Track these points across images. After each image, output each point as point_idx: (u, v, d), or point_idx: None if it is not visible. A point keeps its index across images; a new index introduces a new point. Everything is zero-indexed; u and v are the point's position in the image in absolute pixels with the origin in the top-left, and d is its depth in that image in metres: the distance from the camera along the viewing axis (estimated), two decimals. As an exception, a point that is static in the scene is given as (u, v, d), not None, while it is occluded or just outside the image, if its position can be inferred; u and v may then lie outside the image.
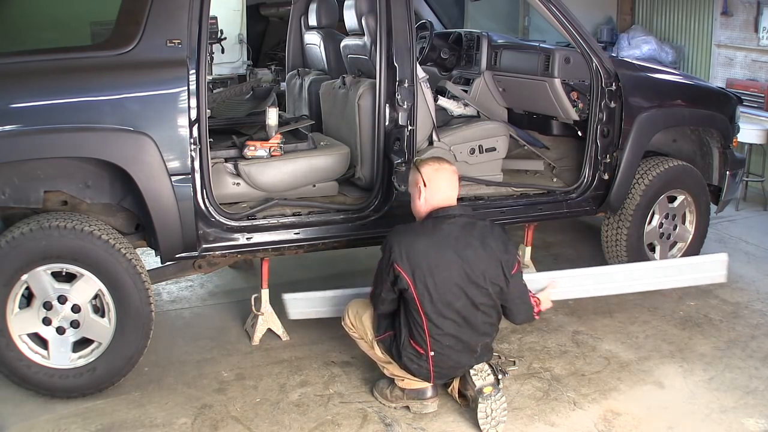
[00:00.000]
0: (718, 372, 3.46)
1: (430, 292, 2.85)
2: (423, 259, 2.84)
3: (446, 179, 3.00)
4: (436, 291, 2.85)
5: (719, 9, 6.71)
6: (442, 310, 2.87)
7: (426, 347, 2.91)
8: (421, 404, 3.05)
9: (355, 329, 3.17)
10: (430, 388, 3.05)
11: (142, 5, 2.99)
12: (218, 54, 5.71)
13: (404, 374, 3.03)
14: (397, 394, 3.09)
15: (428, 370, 2.95)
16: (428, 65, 4.83)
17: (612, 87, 3.92)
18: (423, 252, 2.85)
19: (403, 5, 3.46)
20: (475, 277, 2.88)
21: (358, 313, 3.15)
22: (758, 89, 6.30)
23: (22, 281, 2.97)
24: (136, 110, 2.97)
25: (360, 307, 3.18)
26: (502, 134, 4.11)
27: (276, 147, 3.56)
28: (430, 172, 2.98)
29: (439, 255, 2.86)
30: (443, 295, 2.86)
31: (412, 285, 2.84)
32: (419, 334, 2.91)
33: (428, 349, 2.91)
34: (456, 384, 3.07)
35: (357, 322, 3.14)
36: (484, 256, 2.90)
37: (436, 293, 2.85)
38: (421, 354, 2.93)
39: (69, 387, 3.10)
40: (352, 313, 3.18)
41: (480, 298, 2.91)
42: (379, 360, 3.13)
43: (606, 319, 3.98)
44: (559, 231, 5.31)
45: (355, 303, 3.23)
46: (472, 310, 2.92)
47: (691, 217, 4.38)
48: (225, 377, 3.36)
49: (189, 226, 3.14)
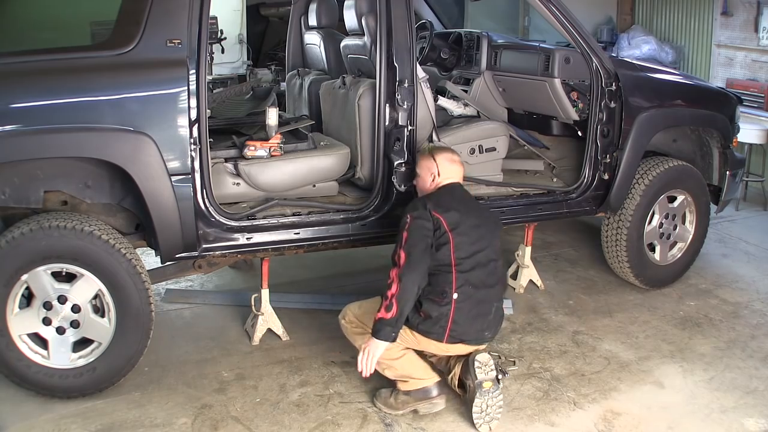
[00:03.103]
0: (718, 372, 3.46)
1: (463, 237, 2.98)
2: (453, 207, 3.01)
3: (457, 172, 3.21)
4: (468, 236, 3.00)
5: (719, 9, 6.70)
6: (471, 258, 2.99)
7: (450, 292, 2.95)
8: (430, 403, 3.04)
9: (357, 323, 3.16)
10: (435, 386, 3.04)
11: (142, 5, 2.99)
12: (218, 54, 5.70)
13: (408, 374, 3.02)
14: (402, 399, 3.06)
15: (447, 323, 2.95)
16: (428, 65, 4.83)
17: (612, 87, 3.92)
18: (450, 203, 3.04)
19: (403, 5, 3.46)
20: (491, 230, 3.13)
21: (361, 305, 3.18)
22: (758, 89, 6.30)
23: (22, 281, 2.97)
24: (136, 110, 2.96)
25: (359, 301, 3.22)
26: (502, 134, 4.11)
27: (276, 147, 3.56)
28: (445, 162, 3.18)
29: (463, 206, 3.07)
30: (474, 243, 3.01)
31: (449, 231, 2.95)
32: (445, 281, 2.96)
33: (452, 293, 2.95)
34: (457, 371, 3.07)
35: (360, 312, 3.16)
36: (488, 213, 3.29)
37: (467, 238, 2.99)
38: (443, 301, 2.95)
39: (69, 387, 3.10)
40: (352, 309, 3.20)
41: (495, 254, 3.11)
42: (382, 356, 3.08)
43: (606, 319, 3.98)
44: (559, 231, 5.31)
45: (352, 303, 3.25)
46: (493, 264, 3.08)
47: (691, 217, 4.38)
48: (225, 377, 3.36)
49: (189, 226, 3.14)
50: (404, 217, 3.00)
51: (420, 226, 2.94)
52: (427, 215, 2.96)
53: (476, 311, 3.01)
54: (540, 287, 4.33)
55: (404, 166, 3.54)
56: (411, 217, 2.97)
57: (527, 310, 4.08)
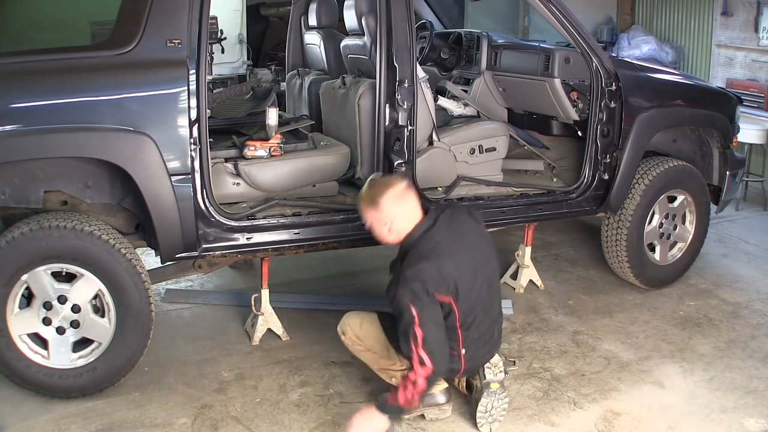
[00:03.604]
0: (718, 372, 3.46)
1: (465, 291, 2.78)
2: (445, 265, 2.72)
3: (411, 203, 2.83)
4: (468, 281, 2.79)
5: (719, 9, 6.70)
6: (471, 302, 2.82)
7: (459, 345, 2.84)
8: (439, 410, 3.02)
9: (361, 342, 3.04)
10: (443, 393, 3.02)
11: (142, 5, 2.99)
12: (218, 54, 5.71)
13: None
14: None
15: (460, 368, 2.90)
16: (428, 65, 4.83)
17: (612, 87, 3.92)
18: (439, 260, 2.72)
19: (403, 5, 3.46)
20: (481, 246, 2.91)
21: (362, 325, 3.03)
22: (758, 89, 6.30)
23: (22, 281, 2.97)
24: (136, 110, 2.96)
25: (359, 318, 3.06)
26: (502, 134, 4.11)
27: (276, 147, 3.56)
28: (392, 205, 2.78)
29: (449, 245, 2.78)
30: (474, 282, 2.82)
31: (454, 302, 2.75)
32: (453, 341, 2.81)
33: (460, 347, 2.85)
34: None
35: (362, 333, 3.02)
36: (477, 230, 2.94)
37: (468, 284, 2.79)
38: (453, 355, 2.85)
39: (69, 387, 3.10)
40: (352, 328, 3.05)
41: (491, 274, 2.93)
42: (391, 368, 3.00)
43: (606, 319, 3.98)
44: (559, 231, 5.31)
45: (350, 317, 3.09)
46: (489, 290, 2.90)
47: (691, 217, 4.38)
48: (225, 377, 3.36)
49: (189, 226, 3.14)
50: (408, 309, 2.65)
51: (431, 316, 2.68)
52: (432, 301, 2.68)
53: (483, 342, 2.94)
54: (540, 287, 4.33)
55: (404, 166, 3.54)
56: (416, 312, 2.64)
57: (527, 310, 4.08)
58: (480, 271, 2.87)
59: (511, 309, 4.05)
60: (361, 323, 3.04)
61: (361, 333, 3.03)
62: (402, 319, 2.69)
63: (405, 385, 2.69)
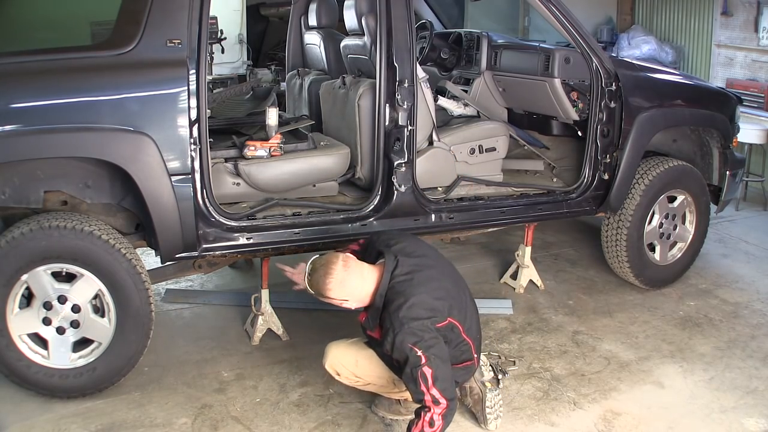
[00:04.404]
0: (718, 372, 3.46)
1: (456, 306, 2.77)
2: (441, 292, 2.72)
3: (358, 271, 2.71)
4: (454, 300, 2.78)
5: (719, 9, 6.71)
6: (462, 308, 2.82)
7: (471, 351, 2.85)
8: None
9: (360, 379, 2.92)
10: None
11: (142, 5, 2.99)
12: (218, 54, 5.72)
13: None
14: (410, 406, 2.94)
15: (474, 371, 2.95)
16: (428, 65, 4.83)
17: (612, 87, 3.92)
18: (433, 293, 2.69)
19: (403, 5, 3.46)
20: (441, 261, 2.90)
21: (358, 363, 2.89)
22: (758, 89, 6.31)
23: (22, 281, 2.97)
24: (136, 110, 2.96)
25: (352, 356, 2.90)
26: (502, 134, 4.11)
27: (276, 147, 3.56)
28: (340, 286, 2.68)
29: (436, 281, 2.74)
30: (458, 298, 2.81)
31: (459, 323, 2.75)
32: (463, 347, 2.82)
33: (473, 352, 2.86)
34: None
35: (360, 371, 2.89)
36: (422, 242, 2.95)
37: (455, 302, 2.78)
38: (469, 366, 2.88)
39: (69, 387, 3.10)
40: (347, 367, 2.90)
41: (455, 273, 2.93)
42: (401, 393, 2.87)
43: (606, 319, 3.98)
44: (559, 231, 5.31)
45: (340, 355, 2.92)
46: (464, 290, 2.91)
47: (691, 217, 4.38)
48: (225, 377, 3.36)
49: (189, 226, 3.14)
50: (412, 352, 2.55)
51: (437, 353, 2.59)
52: (435, 336, 2.62)
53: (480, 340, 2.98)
54: (540, 287, 4.33)
55: (404, 166, 3.54)
56: (422, 353, 2.55)
57: (527, 310, 4.08)
58: (451, 276, 2.87)
59: (511, 309, 4.05)
60: (356, 361, 2.89)
61: (359, 371, 2.90)
62: (407, 363, 2.58)
63: (421, 428, 2.58)
